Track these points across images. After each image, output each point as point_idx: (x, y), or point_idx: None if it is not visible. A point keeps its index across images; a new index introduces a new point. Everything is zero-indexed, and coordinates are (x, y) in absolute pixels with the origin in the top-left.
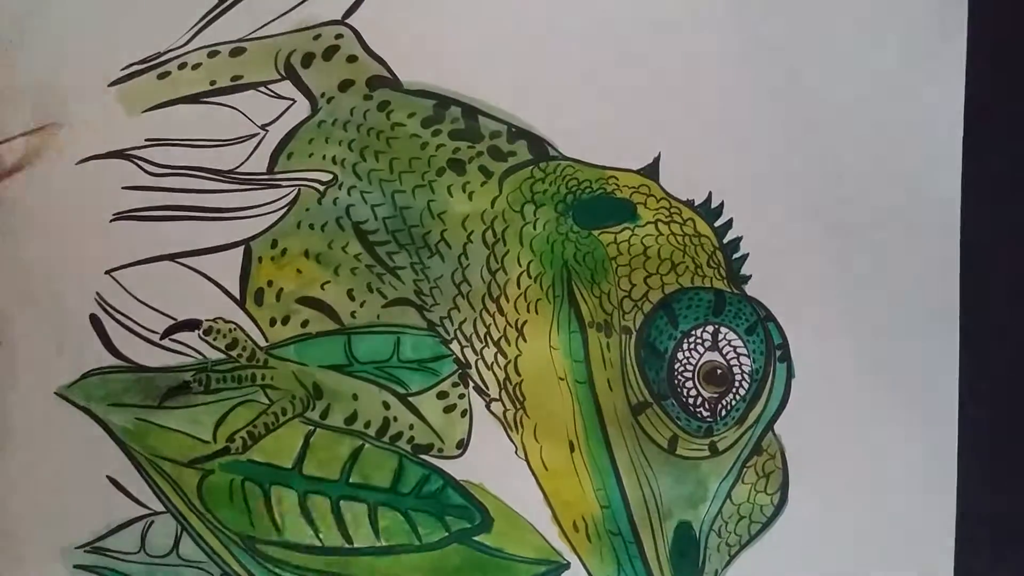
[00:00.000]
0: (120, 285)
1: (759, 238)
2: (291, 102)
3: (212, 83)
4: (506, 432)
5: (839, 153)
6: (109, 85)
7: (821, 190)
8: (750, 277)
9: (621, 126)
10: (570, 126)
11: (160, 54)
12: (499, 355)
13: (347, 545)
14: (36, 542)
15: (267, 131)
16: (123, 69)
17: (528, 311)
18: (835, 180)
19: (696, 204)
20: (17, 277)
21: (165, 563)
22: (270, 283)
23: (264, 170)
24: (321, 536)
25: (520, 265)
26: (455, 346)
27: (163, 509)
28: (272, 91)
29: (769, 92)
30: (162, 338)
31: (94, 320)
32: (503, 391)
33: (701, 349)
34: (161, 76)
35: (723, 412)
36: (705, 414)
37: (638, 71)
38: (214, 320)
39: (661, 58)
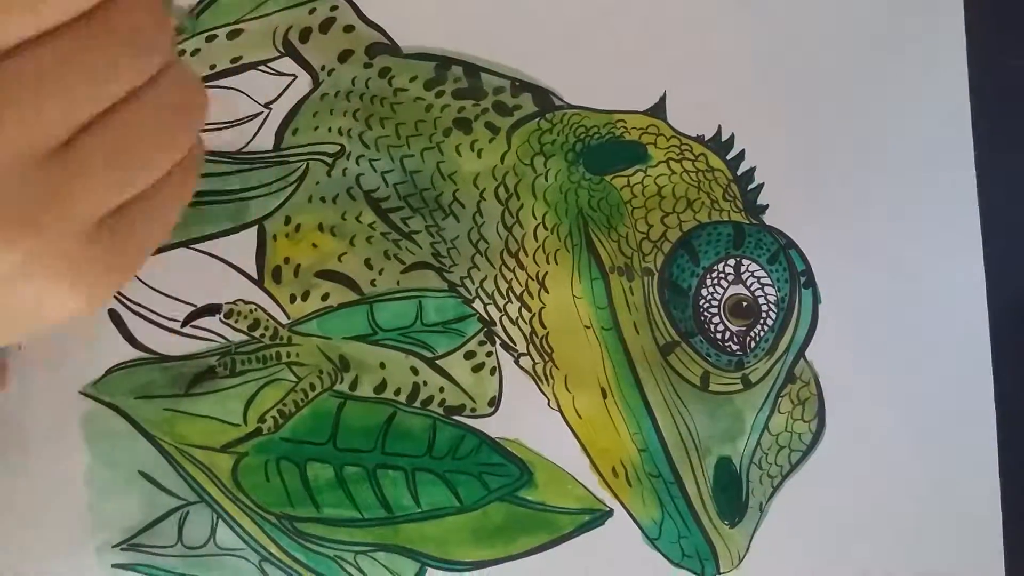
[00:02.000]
0: (136, 277)
1: (773, 167)
2: (292, 78)
3: (212, 67)
4: (537, 385)
5: (844, 73)
6: None
7: (831, 112)
8: (767, 207)
9: (623, 68)
10: (572, 73)
11: None
12: (523, 309)
13: (387, 514)
14: (71, 544)
15: (271, 109)
16: None
17: (548, 262)
18: (844, 100)
19: (706, 139)
20: None
21: (203, 553)
22: (287, 260)
23: (271, 148)
24: (360, 507)
25: (535, 218)
26: (478, 304)
27: (197, 499)
28: (272, 68)
29: (769, 19)
30: (183, 325)
31: (113, 315)
32: (530, 345)
33: (725, 283)
34: None
35: (752, 344)
36: (735, 348)
37: (635, 11)
38: (234, 303)
39: None
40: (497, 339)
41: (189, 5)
